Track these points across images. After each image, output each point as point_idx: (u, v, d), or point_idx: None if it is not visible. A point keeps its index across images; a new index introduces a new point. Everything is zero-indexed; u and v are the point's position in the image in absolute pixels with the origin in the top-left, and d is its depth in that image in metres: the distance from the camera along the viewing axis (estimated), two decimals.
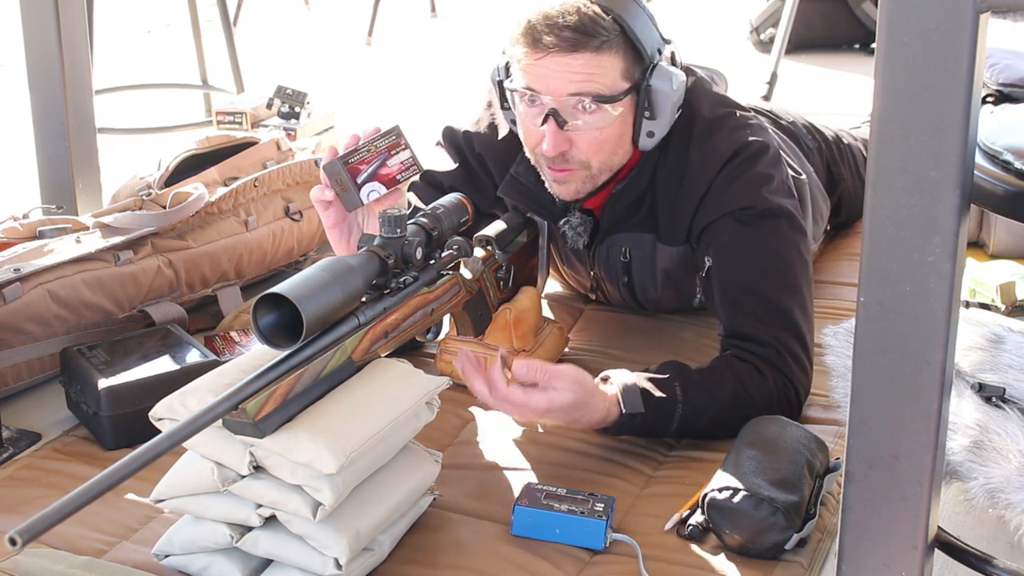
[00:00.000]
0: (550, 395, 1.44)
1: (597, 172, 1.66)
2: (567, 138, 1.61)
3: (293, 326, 1.25)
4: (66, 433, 1.68)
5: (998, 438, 1.32)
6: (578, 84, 1.56)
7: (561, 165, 1.64)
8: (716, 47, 4.13)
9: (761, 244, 1.65)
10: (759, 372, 1.59)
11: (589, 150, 1.62)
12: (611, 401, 1.51)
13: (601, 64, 1.57)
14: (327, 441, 1.22)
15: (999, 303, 2.03)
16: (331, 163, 1.53)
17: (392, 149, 1.58)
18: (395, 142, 1.58)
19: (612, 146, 1.64)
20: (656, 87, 1.61)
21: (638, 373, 1.55)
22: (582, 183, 1.67)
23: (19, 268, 1.78)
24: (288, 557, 1.27)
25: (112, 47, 4.16)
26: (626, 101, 1.61)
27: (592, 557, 1.37)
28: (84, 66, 2.25)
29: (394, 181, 1.58)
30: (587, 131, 1.60)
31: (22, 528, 0.93)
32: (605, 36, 1.56)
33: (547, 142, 1.60)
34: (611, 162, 1.67)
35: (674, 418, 1.54)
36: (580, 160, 1.64)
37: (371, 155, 1.55)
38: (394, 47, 4.67)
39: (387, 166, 1.57)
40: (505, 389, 1.44)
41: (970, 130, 0.88)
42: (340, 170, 1.53)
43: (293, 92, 2.94)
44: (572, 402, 1.45)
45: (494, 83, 1.71)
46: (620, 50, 1.58)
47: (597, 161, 1.64)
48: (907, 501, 0.97)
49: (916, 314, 0.92)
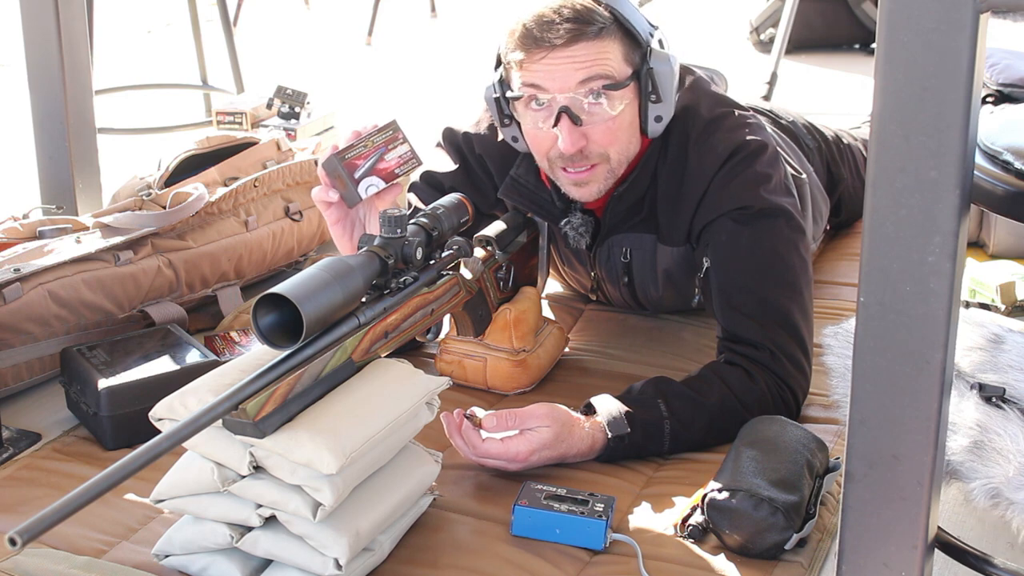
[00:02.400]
0: (528, 437, 1.46)
1: (616, 165, 1.66)
2: (582, 134, 1.61)
3: (293, 326, 1.25)
4: (66, 433, 1.68)
5: (998, 438, 1.32)
6: (585, 71, 1.57)
7: (581, 164, 1.64)
8: (716, 47, 4.13)
9: (759, 244, 1.65)
10: (749, 376, 1.59)
11: (605, 140, 1.62)
12: (596, 428, 1.52)
13: (604, 48, 1.57)
14: (327, 441, 1.22)
15: (999, 303, 2.03)
16: (328, 160, 1.53)
17: (389, 143, 1.58)
18: (392, 136, 1.58)
19: (626, 134, 1.64)
20: (657, 69, 1.61)
21: (621, 396, 1.56)
22: (603, 181, 1.67)
23: (19, 268, 1.78)
24: (288, 557, 1.27)
25: (112, 47, 4.16)
26: (631, 87, 1.61)
27: (592, 557, 1.37)
28: (84, 66, 2.25)
29: (392, 175, 1.58)
30: (600, 122, 1.60)
31: (22, 528, 0.93)
32: (602, 23, 1.57)
33: (563, 140, 1.60)
34: (628, 151, 1.67)
35: (664, 435, 1.54)
36: (599, 153, 1.63)
37: (368, 150, 1.55)
38: (394, 47, 4.67)
39: (385, 160, 1.57)
40: (483, 446, 1.47)
41: (970, 130, 0.88)
42: (337, 166, 1.53)
43: (293, 92, 2.94)
44: (552, 437, 1.47)
45: (490, 102, 1.70)
46: (617, 36, 1.59)
47: (615, 152, 1.65)
48: (907, 501, 0.97)
49: (916, 314, 0.92)
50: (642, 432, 1.53)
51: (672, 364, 1.82)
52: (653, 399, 1.55)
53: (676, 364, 1.82)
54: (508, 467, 1.49)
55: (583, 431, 1.51)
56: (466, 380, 1.75)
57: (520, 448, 1.46)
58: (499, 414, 1.47)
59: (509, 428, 1.47)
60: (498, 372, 1.73)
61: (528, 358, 1.74)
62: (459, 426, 1.48)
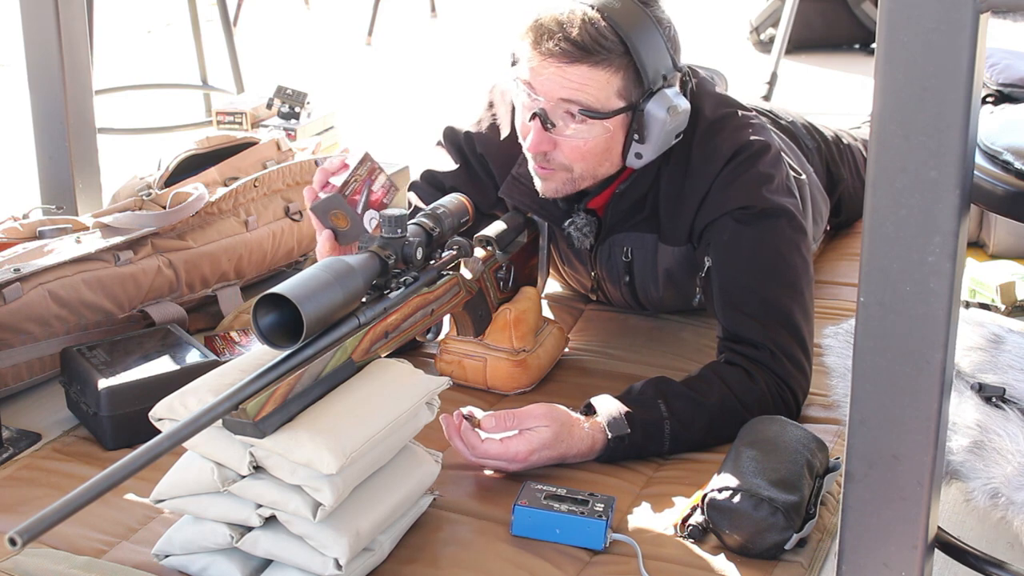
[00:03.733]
0: (527, 437, 1.46)
1: (578, 177, 1.67)
2: (551, 140, 1.61)
3: (293, 326, 1.25)
4: (66, 433, 1.68)
5: (998, 438, 1.32)
6: (569, 92, 1.57)
7: (542, 163, 1.65)
8: (716, 47, 4.13)
9: (761, 244, 1.65)
10: (749, 376, 1.59)
11: (571, 156, 1.63)
12: (596, 428, 1.52)
13: (595, 79, 1.56)
14: (327, 441, 1.22)
15: (999, 303, 2.03)
16: (332, 198, 1.51)
17: (371, 175, 1.57)
18: (371, 167, 1.57)
19: (596, 158, 1.64)
20: (650, 112, 1.59)
21: (621, 396, 1.56)
22: (562, 184, 1.68)
23: (19, 268, 1.78)
24: (288, 557, 1.27)
25: (112, 47, 4.16)
26: (618, 119, 1.60)
27: (592, 557, 1.37)
28: (84, 66, 2.25)
29: (383, 205, 1.58)
30: (572, 139, 1.61)
31: (22, 528, 0.93)
32: (605, 55, 1.55)
33: (530, 138, 1.62)
34: (595, 172, 1.67)
35: (664, 435, 1.54)
36: (561, 163, 1.64)
37: (359, 184, 1.55)
38: (394, 47, 4.67)
39: (374, 192, 1.57)
40: (483, 446, 1.47)
41: (970, 130, 0.88)
42: (342, 204, 1.51)
43: (293, 92, 2.94)
44: (551, 436, 1.47)
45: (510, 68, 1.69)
46: (620, 70, 1.57)
47: (579, 168, 1.65)
48: (907, 501, 0.97)
49: (916, 314, 0.92)
50: (642, 432, 1.53)
51: (672, 364, 1.82)
52: (653, 399, 1.55)
53: (676, 364, 1.82)
54: (508, 468, 1.49)
55: (583, 431, 1.51)
56: (466, 380, 1.75)
57: (519, 448, 1.46)
58: (498, 415, 1.47)
59: (508, 429, 1.47)
60: (498, 372, 1.73)
61: (528, 358, 1.74)
62: (458, 428, 1.48)
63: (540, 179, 1.69)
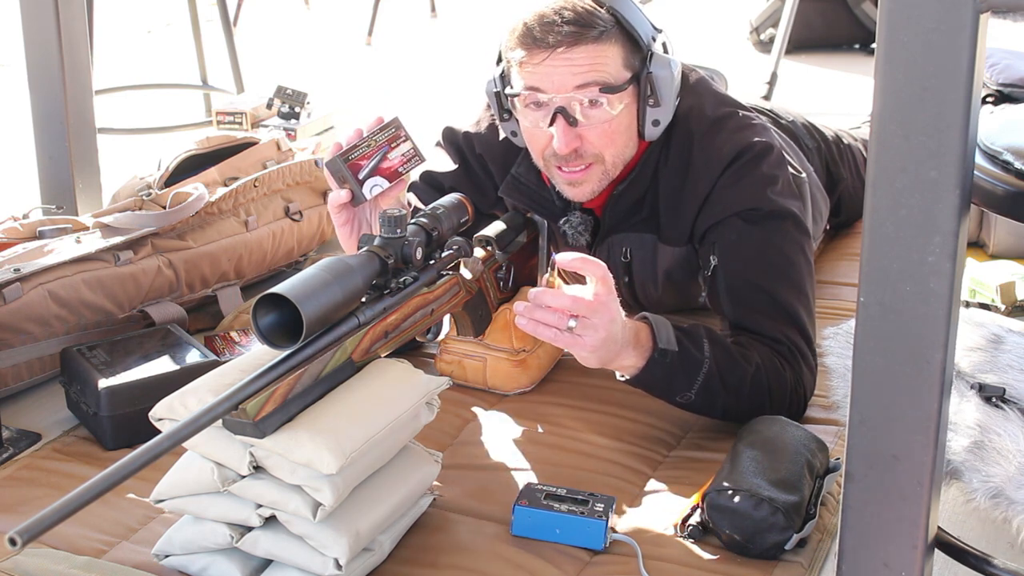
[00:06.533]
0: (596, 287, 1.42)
1: (611, 166, 1.66)
2: (577, 134, 1.61)
3: (293, 326, 1.25)
4: (66, 433, 1.68)
5: (998, 438, 1.32)
6: (582, 76, 1.57)
7: (575, 163, 1.64)
8: (716, 47, 4.13)
9: (768, 244, 1.65)
10: (780, 364, 1.59)
11: (601, 143, 1.63)
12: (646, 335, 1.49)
13: (603, 53, 1.57)
14: (327, 441, 1.22)
15: (999, 303, 2.03)
16: (332, 160, 1.53)
17: (392, 142, 1.57)
18: (395, 134, 1.58)
19: (623, 137, 1.65)
20: (657, 73, 1.62)
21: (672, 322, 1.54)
22: (598, 182, 1.67)
23: (19, 268, 1.78)
24: (288, 557, 1.27)
25: (112, 47, 4.16)
26: (630, 91, 1.61)
27: (592, 557, 1.37)
28: (84, 66, 2.25)
29: (396, 174, 1.58)
30: (596, 124, 1.61)
31: (22, 528, 0.93)
32: (603, 26, 1.57)
33: (558, 140, 1.61)
34: (624, 154, 1.67)
35: (700, 373, 1.52)
36: (594, 154, 1.64)
37: (371, 150, 1.55)
38: (394, 47, 4.67)
39: (388, 159, 1.56)
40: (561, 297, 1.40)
41: (970, 130, 0.88)
42: (341, 167, 1.52)
43: (293, 92, 2.94)
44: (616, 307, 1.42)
45: (491, 95, 1.71)
46: (618, 40, 1.59)
47: (611, 154, 1.65)
48: (907, 501, 0.97)
49: (916, 314, 0.92)
50: (681, 359, 1.51)
51: None
52: (700, 337, 1.54)
53: None
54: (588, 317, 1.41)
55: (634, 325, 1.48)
56: (466, 380, 1.75)
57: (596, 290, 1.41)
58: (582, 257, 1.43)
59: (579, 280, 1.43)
60: (498, 372, 1.73)
61: (528, 358, 1.74)
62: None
63: (572, 185, 1.68)
